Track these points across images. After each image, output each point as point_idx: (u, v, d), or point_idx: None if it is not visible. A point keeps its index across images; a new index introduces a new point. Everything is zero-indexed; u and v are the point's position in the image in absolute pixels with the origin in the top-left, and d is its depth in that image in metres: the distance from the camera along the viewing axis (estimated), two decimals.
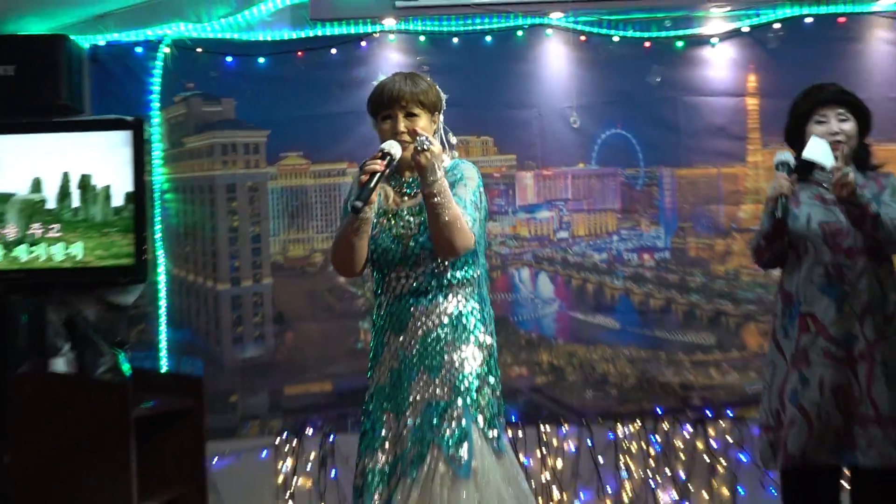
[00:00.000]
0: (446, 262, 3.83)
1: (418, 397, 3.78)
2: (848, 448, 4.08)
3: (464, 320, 3.84)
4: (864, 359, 4.10)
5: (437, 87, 3.92)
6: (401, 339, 3.85)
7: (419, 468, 3.68)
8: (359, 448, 3.91)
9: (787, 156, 4.22)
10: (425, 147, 3.59)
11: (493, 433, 3.83)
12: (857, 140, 4.30)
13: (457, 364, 3.79)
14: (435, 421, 3.73)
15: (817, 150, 4.13)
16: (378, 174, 3.54)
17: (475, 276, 3.93)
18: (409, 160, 3.70)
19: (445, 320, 3.83)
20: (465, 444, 3.69)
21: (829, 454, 4.08)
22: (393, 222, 3.87)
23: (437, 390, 3.78)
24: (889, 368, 4.12)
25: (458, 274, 3.87)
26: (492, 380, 3.89)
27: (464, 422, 3.73)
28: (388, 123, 3.81)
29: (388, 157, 3.60)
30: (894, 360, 4.11)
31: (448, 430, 3.71)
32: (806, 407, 4.09)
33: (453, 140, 4.02)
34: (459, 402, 3.75)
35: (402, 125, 3.77)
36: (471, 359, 3.83)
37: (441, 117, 3.95)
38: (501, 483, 3.78)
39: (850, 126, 4.25)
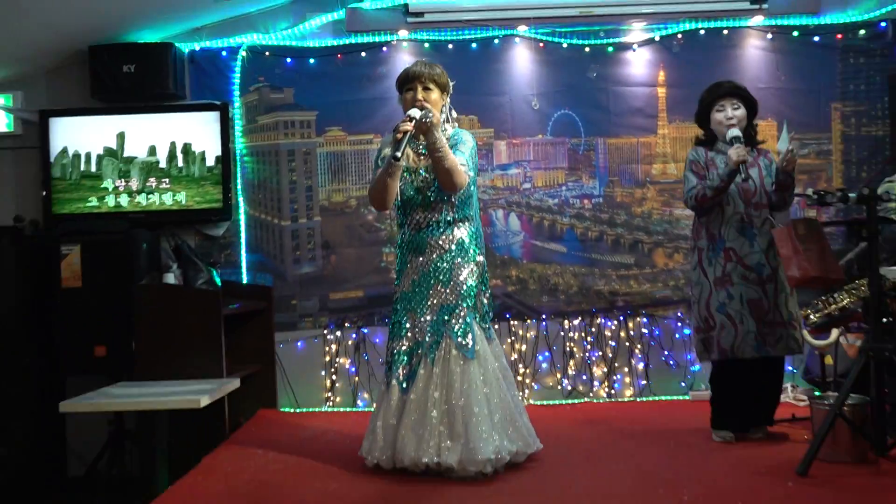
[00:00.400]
0: (453, 206, 3.81)
1: (434, 301, 3.78)
2: (762, 345, 4.11)
3: (465, 246, 3.83)
4: (771, 280, 4.12)
5: (447, 74, 3.91)
6: (420, 259, 3.84)
7: (436, 352, 3.72)
8: (388, 336, 3.93)
9: (737, 132, 4.11)
10: (428, 118, 3.59)
11: (486, 325, 3.85)
12: (747, 122, 4.26)
13: (461, 278, 3.78)
14: (446, 318, 3.73)
15: (785, 136, 4.37)
16: (408, 132, 3.55)
17: (472, 214, 3.92)
18: (421, 127, 3.66)
19: (454, 247, 3.82)
20: (470, 335, 3.72)
21: (750, 349, 4.10)
22: (414, 177, 3.84)
23: (448, 296, 3.78)
24: (787, 285, 4.14)
25: (460, 214, 3.87)
26: (484, 288, 3.93)
27: (468, 318, 3.75)
28: (410, 94, 3.79)
29: (414, 120, 3.59)
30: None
31: (456, 325, 3.73)
32: (732, 315, 4.10)
33: (454, 115, 4.02)
34: (464, 304, 3.76)
35: (420, 94, 3.75)
36: (471, 274, 3.82)
37: (448, 98, 3.93)
38: (494, 361, 3.82)
39: (741, 112, 4.22)
